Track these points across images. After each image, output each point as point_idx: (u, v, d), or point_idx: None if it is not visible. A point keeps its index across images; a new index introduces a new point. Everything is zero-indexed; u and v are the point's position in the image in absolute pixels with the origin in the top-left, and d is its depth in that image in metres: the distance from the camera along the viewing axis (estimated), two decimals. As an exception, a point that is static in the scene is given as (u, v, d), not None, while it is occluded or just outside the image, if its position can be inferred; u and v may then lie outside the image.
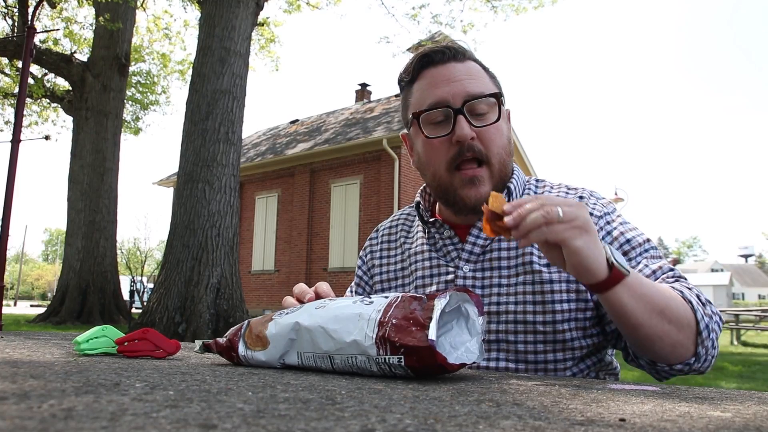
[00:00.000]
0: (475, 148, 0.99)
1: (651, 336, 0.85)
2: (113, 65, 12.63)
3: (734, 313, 12.53)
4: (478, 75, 1.03)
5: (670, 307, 0.85)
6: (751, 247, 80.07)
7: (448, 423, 0.40)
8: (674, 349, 0.87)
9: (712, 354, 0.90)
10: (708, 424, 0.43)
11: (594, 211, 1.04)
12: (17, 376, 0.55)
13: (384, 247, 1.22)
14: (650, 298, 0.83)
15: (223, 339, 0.82)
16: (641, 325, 0.83)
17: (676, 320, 0.85)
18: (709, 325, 0.88)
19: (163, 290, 7.41)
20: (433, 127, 1.02)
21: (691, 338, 0.87)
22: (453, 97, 0.99)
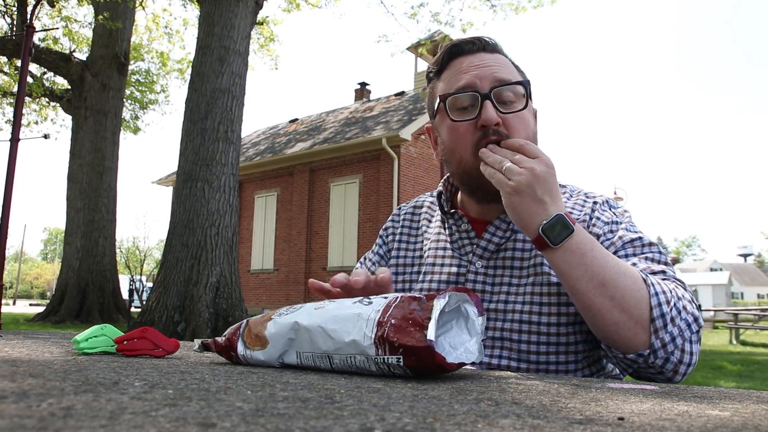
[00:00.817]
0: (500, 132, 0.98)
1: (589, 306, 0.86)
2: (112, 64, 12.62)
3: (733, 313, 12.55)
4: (506, 65, 1.05)
5: (615, 282, 0.84)
6: (750, 247, 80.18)
7: (447, 422, 0.40)
8: (618, 329, 0.85)
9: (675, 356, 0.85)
10: (706, 423, 0.43)
11: (602, 216, 1.05)
12: (16, 375, 0.55)
13: (405, 231, 1.23)
14: (592, 267, 0.85)
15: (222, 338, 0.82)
16: (577, 292, 0.87)
17: (619, 297, 0.84)
18: (668, 316, 0.84)
19: (162, 289, 7.40)
20: (460, 113, 1.02)
21: (640, 324, 0.84)
22: (481, 81, 1.00)
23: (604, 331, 0.87)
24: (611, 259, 0.87)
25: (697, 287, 33.18)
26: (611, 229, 1.03)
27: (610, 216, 1.05)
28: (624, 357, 0.88)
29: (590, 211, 1.07)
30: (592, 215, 1.06)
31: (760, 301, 51.36)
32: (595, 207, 1.07)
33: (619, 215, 1.07)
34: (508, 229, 1.06)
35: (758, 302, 46.97)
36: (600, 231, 1.03)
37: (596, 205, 1.08)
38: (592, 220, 1.05)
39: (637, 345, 0.85)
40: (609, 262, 0.87)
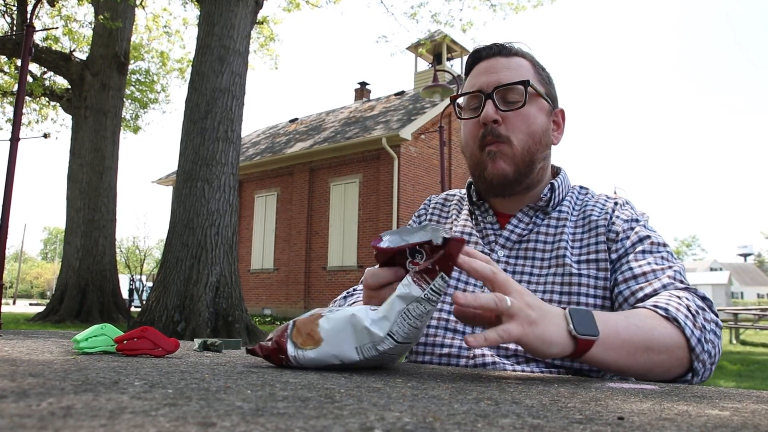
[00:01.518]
0: (495, 131, 1.06)
1: (641, 371, 0.84)
2: (112, 64, 12.62)
3: (733, 312, 12.55)
4: (518, 68, 1.11)
5: (655, 339, 0.82)
6: (750, 246, 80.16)
7: (447, 421, 0.40)
8: (669, 372, 0.86)
9: (711, 362, 0.88)
10: (706, 423, 0.43)
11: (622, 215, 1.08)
12: (16, 375, 0.55)
13: (436, 216, 1.27)
14: (630, 341, 0.80)
15: (269, 341, 0.78)
16: (628, 368, 0.82)
17: (664, 349, 0.83)
18: (702, 338, 0.86)
19: (162, 289, 7.40)
20: (469, 112, 1.12)
21: (685, 357, 0.85)
22: (487, 85, 1.08)
23: (656, 378, 0.86)
24: (631, 317, 0.84)
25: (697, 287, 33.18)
26: (631, 226, 1.06)
27: (630, 214, 1.08)
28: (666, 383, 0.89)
29: (611, 210, 1.10)
30: (612, 214, 1.09)
31: (760, 300, 51.37)
32: (616, 207, 1.11)
33: (638, 214, 1.10)
34: (530, 221, 1.11)
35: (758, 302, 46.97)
36: (620, 228, 1.05)
37: (617, 205, 1.11)
38: (611, 218, 1.08)
39: (683, 373, 0.87)
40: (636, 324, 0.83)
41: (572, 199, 1.15)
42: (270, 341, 0.78)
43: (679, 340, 0.84)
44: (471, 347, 0.76)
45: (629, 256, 1.01)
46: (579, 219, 1.11)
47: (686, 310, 0.87)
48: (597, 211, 1.10)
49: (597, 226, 1.07)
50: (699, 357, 0.85)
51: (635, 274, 0.98)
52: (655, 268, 0.97)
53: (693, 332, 0.85)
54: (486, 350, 1.01)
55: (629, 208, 1.11)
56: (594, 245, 1.05)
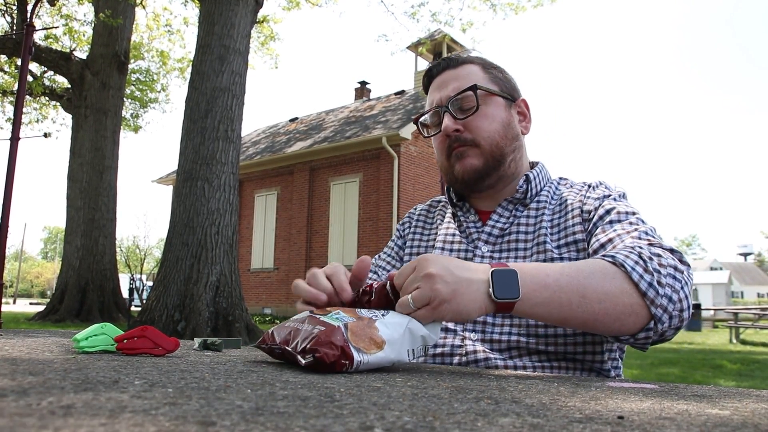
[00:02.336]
0: (460, 138, 1.12)
1: (585, 322, 0.83)
2: (112, 63, 12.62)
3: (733, 312, 12.55)
4: (467, 76, 1.15)
5: (590, 287, 0.82)
6: (750, 246, 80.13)
7: (447, 420, 0.40)
8: (620, 322, 0.84)
9: (675, 308, 0.85)
10: (706, 422, 0.43)
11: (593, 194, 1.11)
12: (16, 374, 0.55)
13: (420, 225, 1.31)
14: (561, 293, 0.81)
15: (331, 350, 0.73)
16: (565, 320, 0.83)
17: (604, 297, 0.82)
18: (654, 281, 0.83)
19: (162, 288, 7.40)
20: (433, 128, 1.18)
21: (636, 303, 0.83)
22: (441, 99, 1.15)
23: (608, 331, 0.86)
24: (567, 268, 0.84)
25: (697, 286, 33.18)
26: (602, 203, 1.07)
27: (602, 191, 1.11)
28: (634, 339, 0.87)
29: (584, 192, 1.13)
30: (585, 195, 1.12)
31: (760, 300, 51.38)
32: (589, 189, 1.14)
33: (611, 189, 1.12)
34: (510, 215, 1.15)
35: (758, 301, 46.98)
36: (591, 207, 1.08)
37: (590, 187, 1.15)
38: (584, 200, 1.11)
39: (641, 322, 0.84)
40: (569, 272, 0.83)
41: (551, 189, 1.18)
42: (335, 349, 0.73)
43: (625, 285, 0.83)
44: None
45: (597, 228, 1.03)
46: (556, 206, 1.14)
47: (636, 257, 0.85)
48: (572, 195, 1.14)
49: (573, 209, 1.10)
50: (654, 302, 0.83)
51: (602, 242, 0.99)
52: (621, 233, 0.97)
53: (642, 276, 0.83)
54: (478, 346, 1.03)
55: (603, 187, 1.13)
56: (571, 227, 1.08)
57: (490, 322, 1.05)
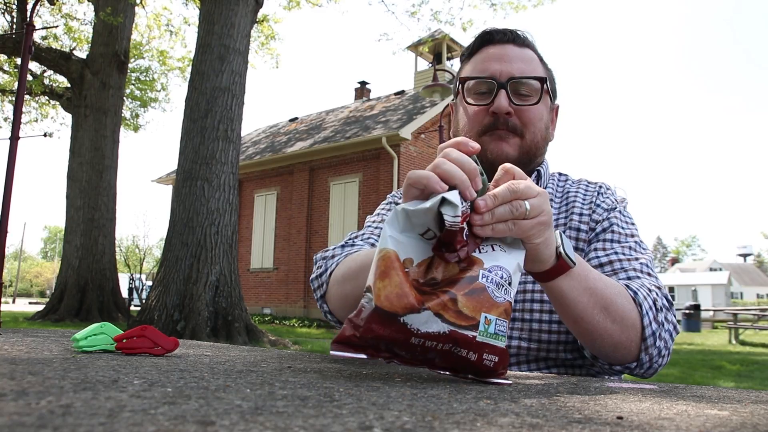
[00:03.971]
0: (509, 123, 1.04)
1: (591, 331, 0.84)
2: (112, 62, 12.62)
3: (732, 313, 12.56)
4: (531, 61, 1.09)
5: (615, 305, 0.83)
6: (750, 247, 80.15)
7: (446, 420, 0.40)
8: (615, 349, 0.86)
9: (658, 363, 0.89)
10: (705, 422, 0.43)
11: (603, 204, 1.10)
12: (15, 373, 0.55)
13: None
14: (595, 291, 0.81)
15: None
16: (582, 319, 0.82)
17: (620, 320, 0.84)
18: (657, 332, 0.87)
19: (162, 288, 7.41)
20: (476, 97, 1.07)
21: (635, 342, 0.86)
22: (501, 74, 1.05)
23: (600, 349, 0.88)
24: (605, 278, 0.86)
25: (696, 287, 33.18)
26: (608, 216, 1.08)
27: (610, 203, 1.10)
28: (610, 367, 0.91)
29: (594, 198, 1.12)
30: (595, 201, 1.11)
31: (760, 301, 51.40)
32: (598, 195, 1.12)
33: (616, 198, 1.13)
34: None
35: (758, 302, 47.02)
36: (599, 218, 1.07)
37: (600, 190, 1.13)
38: (593, 207, 1.10)
39: (627, 360, 0.89)
40: (605, 282, 0.84)
41: (553, 185, 1.17)
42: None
43: (636, 322, 0.86)
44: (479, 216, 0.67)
45: (597, 243, 1.03)
46: (562, 204, 1.13)
47: (652, 303, 0.88)
48: (580, 195, 1.13)
49: (580, 212, 1.09)
50: (648, 349, 0.86)
51: (601, 262, 1.00)
52: (621, 258, 0.99)
53: (651, 323, 0.86)
54: None
55: (610, 194, 1.13)
56: (575, 230, 1.08)
57: None
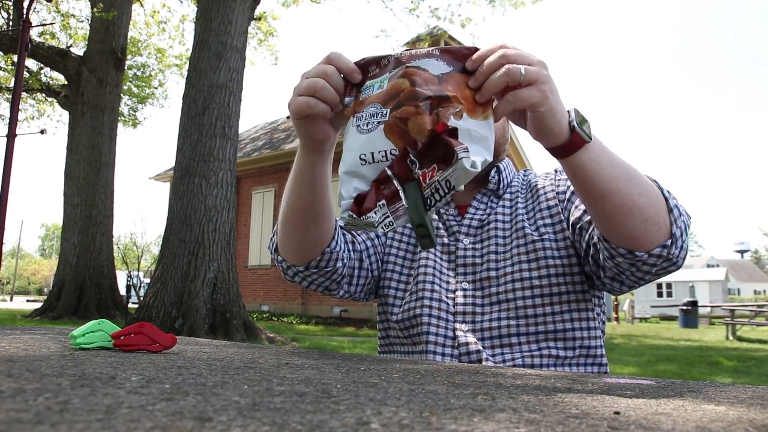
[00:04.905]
0: None
1: (621, 205, 0.82)
2: (109, 59, 12.57)
3: (730, 309, 12.59)
4: None
5: (638, 176, 0.84)
6: (747, 243, 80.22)
7: (444, 416, 0.40)
8: (646, 225, 0.84)
9: (685, 240, 0.88)
10: (702, 417, 0.43)
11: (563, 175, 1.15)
12: (13, 371, 0.55)
13: None
14: (618, 163, 0.82)
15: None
16: (609, 192, 0.81)
17: (645, 192, 0.83)
18: (677, 205, 0.87)
19: (160, 285, 7.40)
20: None
21: (663, 214, 0.85)
22: None
23: (633, 228, 0.84)
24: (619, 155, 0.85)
25: (694, 283, 33.22)
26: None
27: None
28: (648, 256, 0.86)
29: (554, 175, 1.18)
30: (555, 178, 1.16)
31: (757, 297, 51.48)
32: (557, 172, 1.18)
33: None
34: (487, 206, 1.17)
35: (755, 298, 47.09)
36: (564, 186, 1.12)
37: (556, 171, 1.18)
38: (555, 181, 1.15)
39: (661, 237, 0.85)
40: (620, 157, 0.84)
41: (519, 180, 1.22)
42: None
43: (658, 193, 0.86)
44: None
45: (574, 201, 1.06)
46: (528, 193, 1.18)
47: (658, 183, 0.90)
48: (542, 181, 1.18)
49: (545, 192, 1.14)
50: (676, 221, 0.86)
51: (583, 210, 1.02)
52: None
53: (670, 195, 0.88)
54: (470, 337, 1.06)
55: None
56: (546, 209, 1.12)
57: (479, 311, 1.07)
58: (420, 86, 0.67)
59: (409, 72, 0.69)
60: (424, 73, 0.68)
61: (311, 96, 0.76)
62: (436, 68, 0.69)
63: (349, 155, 0.70)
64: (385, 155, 0.67)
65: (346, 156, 0.70)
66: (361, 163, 0.68)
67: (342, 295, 1.16)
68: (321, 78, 0.76)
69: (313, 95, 0.76)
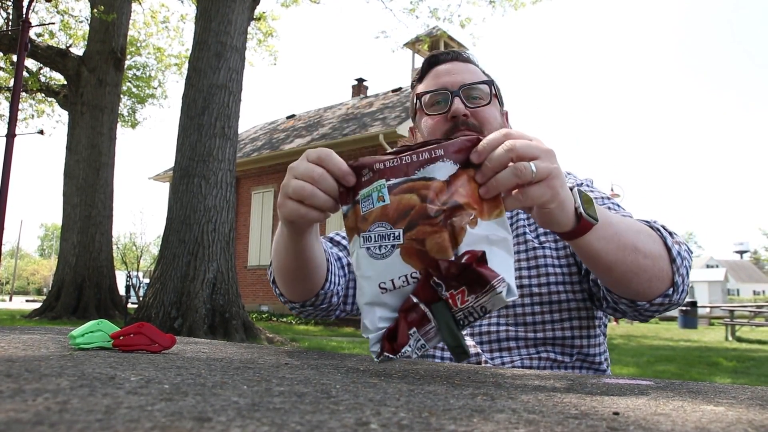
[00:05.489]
0: (468, 122, 1.11)
1: (627, 273, 0.84)
2: (109, 59, 12.58)
3: (729, 309, 12.59)
4: (476, 72, 1.18)
5: (642, 241, 0.85)
6: (746, 243, 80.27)
7: (443, 416, 0.40)
8: (651, 282, 0.87)
9: (687, 283, 0.91)
10: (701, 417, 0.43)
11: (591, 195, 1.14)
12: (12, 371, 0.55)
13: None
14: (622, 236, 0.82)
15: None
16: (615, 264, 0.82)
17: (650, 253, 0.85)
18: (680, 252, 0.89)
19: (159, 285, 7.40)
20: (434, 108, 1.15)
21: (666, 268, 0.87)
22: (452, 84, 1.13)
23: (638, 289, 0.88)
24: (623, 218, 0.86)
25: (693, 284, 33.28)
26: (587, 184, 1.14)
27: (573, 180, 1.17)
28: (650, 304, 0.90)
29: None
30: None
31: (756, 297, 51.51)
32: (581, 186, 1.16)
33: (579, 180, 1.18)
34: None
35: (754, 299, 47.13)
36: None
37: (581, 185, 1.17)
38: None
39: (663, 288, 0.89)
40: (626, 223, 0.85)
41: None
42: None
43: (663, 249, 0.88)
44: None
45: None
46: None
47: (662, 227, 0.92)
48: None
49: None
50: (679, 270, 0.88)
51: None
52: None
53: (673, 245, 0.89)
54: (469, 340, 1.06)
55: (572, 176, 1.18)
56: None
57: None
58: (431, 201, 0.64)
59: (417, 186, 0.66)
60: (432, 183, 0.66)
61: (300, 203, 0.74)
62: (442, 172, 0.66)
63: (367, 285, 0.67)
64: (406, 280, 0.64)
65: (364, 286, 0.67)
66: (382, 292, 0.66)
67: (339, 315, 1.17)
68: (309, 183, 0.73)
69: (301, 202, 0.74)
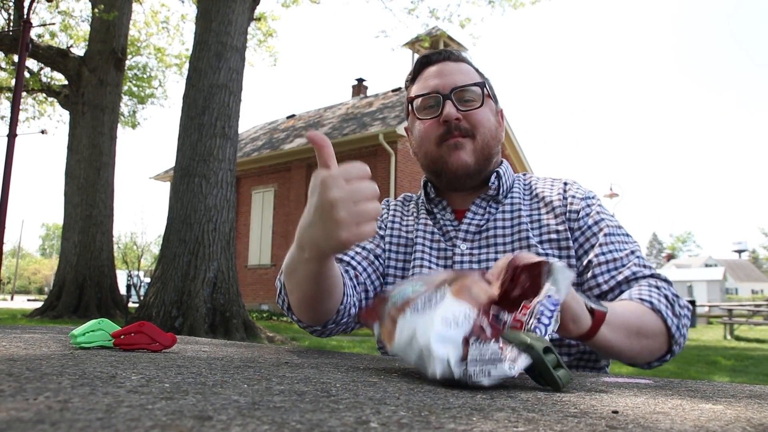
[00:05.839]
0: (461, 126, 1.11)
1: (631, 356, 0.93)
2: (109, 59, 12.57)
3: (728, 308, 12.59)
4: (468, 72, 1.17)
5: (645, 325, 0.92)
6: (745, 242, 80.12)
7: (443, 415, 0.40)
8: (652, 356, 0.96)
9: (682, 345, 0.99)
10: (700, 416, 0.43)
11: (577, 194, 1.15)
12: (14, 370, 0.55)
13: (398, 217, 1.26)
14: (628, 325, 0.90)
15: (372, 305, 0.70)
16: (623, 351, 0.91)
17: (651, 335, 0.93)
18: (679, 326, 0.96)
19: (160, 284, 7.40)
20: (426, 112, 1.15)
21: (665, 342, 0.95)
22: (444, 86, 1.13)
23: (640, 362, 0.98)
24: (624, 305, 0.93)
25: (692, 283, 33.26)
26: (588, 204, 1.13)
27: (583, 192, 1.16)
28: (648, 366, 0.99)
29: (563, 191, 1.16)
30: (566, 194, 1.15)
31: (755, 296, 51.41)
32: (566, 187, 1.17)
33: (588, 192, 1.17)
34: (485, 212, 1.15)
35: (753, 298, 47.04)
36: (578, 207, 1.12)
37: (566, 185, 1.18)
38: (567, 198, 1.14)
39: (660, 355, 0.97)
40: (629, 309, 0.92)
41: (519, 185, 1.21)
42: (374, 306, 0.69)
43: (662, 328, 0.94)
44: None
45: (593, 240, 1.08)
46: (533, 201, 1.16)
47: (666, 301, 0.96)
48: (547, 191, 1.17)
49: (554, 207, 1.13)
50: (677, 341, 0.96)
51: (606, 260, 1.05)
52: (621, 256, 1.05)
53: (673, 321, 0.95)
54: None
55: (578, 186, 1.18)
56: (554, 225, 1.11)
57: None
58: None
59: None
60: None
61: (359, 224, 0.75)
62: None
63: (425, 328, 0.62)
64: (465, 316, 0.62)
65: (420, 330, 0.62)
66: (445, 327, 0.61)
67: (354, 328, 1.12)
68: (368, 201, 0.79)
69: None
